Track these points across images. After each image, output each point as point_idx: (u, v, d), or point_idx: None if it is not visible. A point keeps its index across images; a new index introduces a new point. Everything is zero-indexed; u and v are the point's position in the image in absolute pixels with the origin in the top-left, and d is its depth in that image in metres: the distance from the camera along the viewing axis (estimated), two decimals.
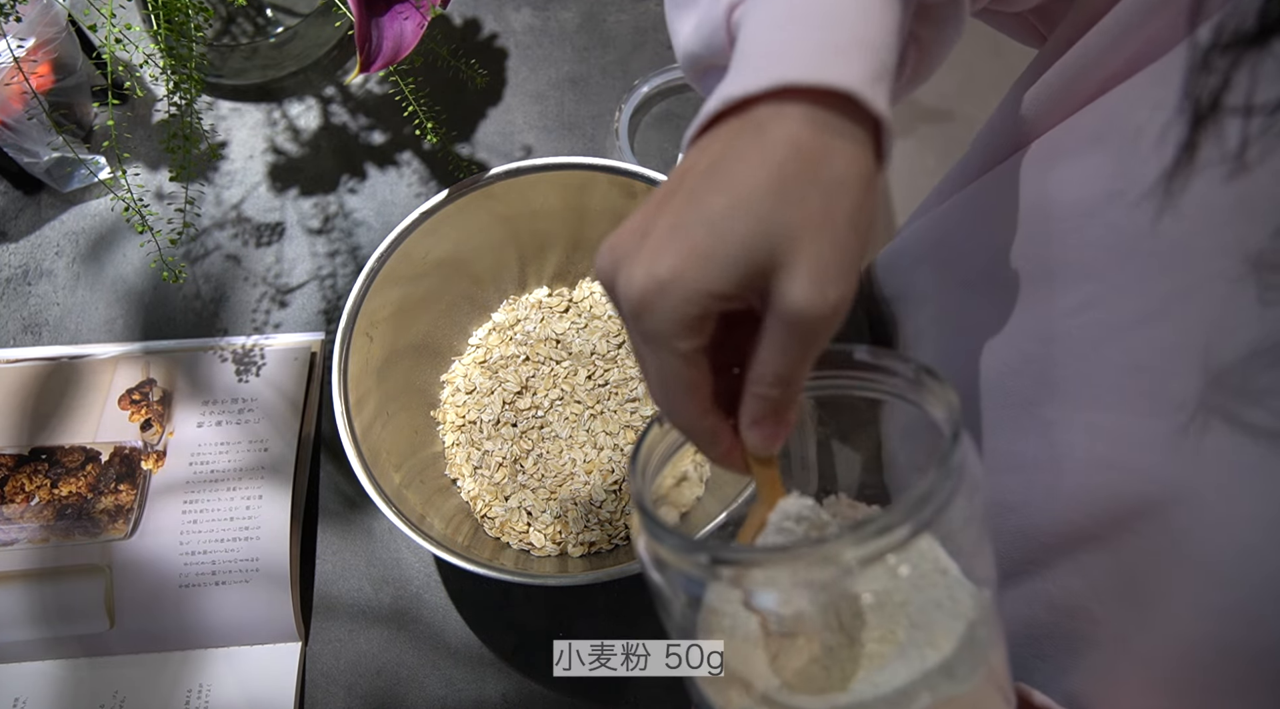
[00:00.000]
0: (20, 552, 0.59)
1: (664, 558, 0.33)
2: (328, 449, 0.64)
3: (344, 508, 0.63)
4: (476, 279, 0.63)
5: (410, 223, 0.57)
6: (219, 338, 0.66)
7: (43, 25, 0.62)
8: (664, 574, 0.33)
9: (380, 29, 0.57)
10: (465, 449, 0.61)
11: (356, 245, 0.69)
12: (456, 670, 0.59)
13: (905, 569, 0.31)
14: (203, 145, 0.70)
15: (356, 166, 0.71)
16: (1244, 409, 0.33)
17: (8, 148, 0.66)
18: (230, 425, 0.63)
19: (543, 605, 0.60)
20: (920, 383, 0.34)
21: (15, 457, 0.61)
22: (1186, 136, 0.32)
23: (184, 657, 0.59)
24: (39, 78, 0.65)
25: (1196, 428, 0.35)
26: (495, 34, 0.75)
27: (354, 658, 0.59)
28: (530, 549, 0.58)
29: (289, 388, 0.64)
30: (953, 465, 0.31)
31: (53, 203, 0.70)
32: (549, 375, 0.62)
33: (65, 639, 0.58)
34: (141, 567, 0.59)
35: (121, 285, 0.68)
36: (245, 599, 0.59)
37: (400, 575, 0.61)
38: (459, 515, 0.59)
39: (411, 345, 0.61)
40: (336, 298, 0.68)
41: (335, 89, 0.73)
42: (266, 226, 0.70)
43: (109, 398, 0.63)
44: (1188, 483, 0.35)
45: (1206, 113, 0.31)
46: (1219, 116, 0.31)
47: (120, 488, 0.61)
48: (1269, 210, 0.32)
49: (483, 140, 0.72)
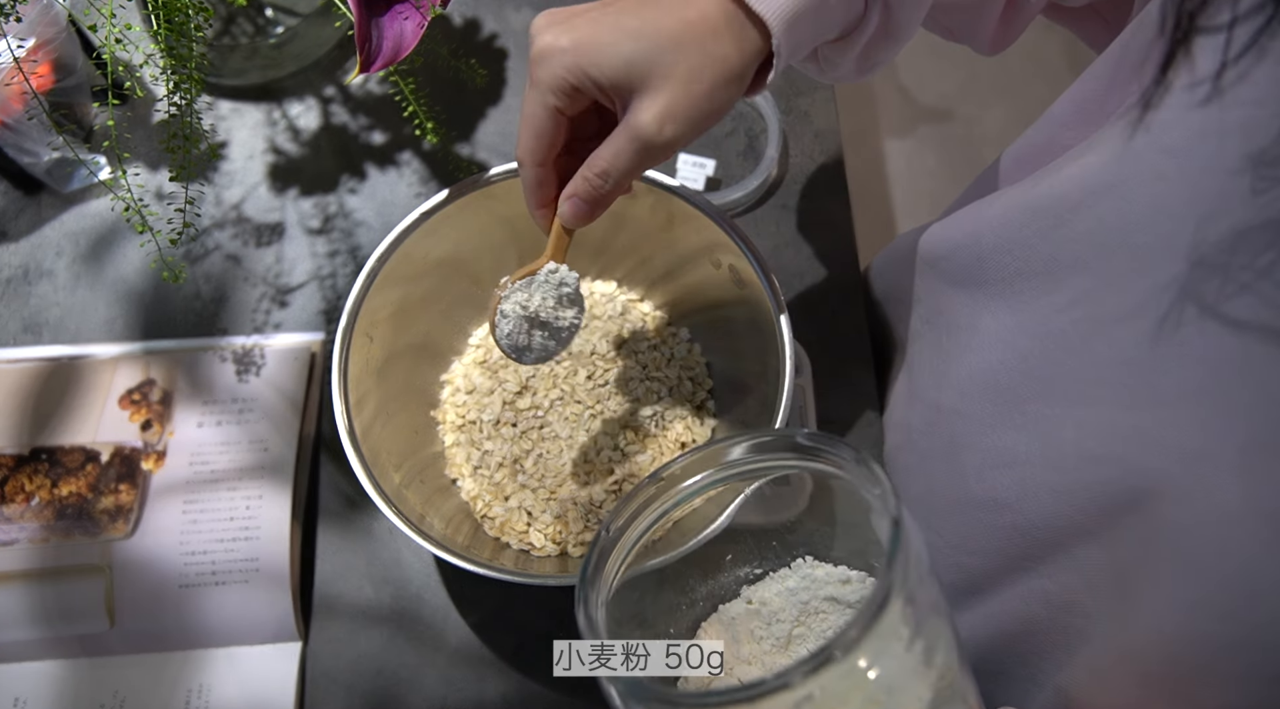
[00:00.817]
0: (20, 552, 0.59)
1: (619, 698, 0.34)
2: (328, 449, 0.64)
3: (344, 508, 0.63)
4: (476, 279, 0.63)
5: (410, 223, 0.57)
6: (219, 338, 0.66)
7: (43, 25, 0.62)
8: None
9: (380, 29, 0.57)
10: (465, 449, 0.61)
11: (356, 245, 0.69)
12: (456, 670, 0.59)
13: (868, 667, 0.32)
14: (203, 145, 0.70)
15: (356, 166, 0.71)
16: (1225, 298, 0.34)
17: (8, 148, 0.66)
18: (230, 425, 0.63)
19: (543, 605, 0.60)
20: (859, 465, 0.36)
21: (15, 457, 0.61)
22: (1163, 56, 0.33)
23: (184, 657, 0.59)
24: (39, 78, 0.65)
25: (1170, 325, 0.36)
26: (495, 34, 0.75)
27: (354, 658, 0.59)
28: (530, 549, 0.58)
29: (289, 388, 0.64)
30: (899, 555, 0.32)
31: (53, 203, 0.70)
32: (549, 375, 0.62)
33: (65, 639, 0.58)
34: (141, 567, 0.59)
35: (122, 285, 0.68)
36: (245, 599, 0.59)
37: (400, 575, 0.61)
38: (459, 515, 0.59)
39: (411, 345, 0.61)
40: (336, 298, 0.68)
41: (335, 89, 0.73)
42: (266, 226, 0.70)
43: (109, 398, 0.63)
44: (1170, 474, 0.36)
45: (1185, 31, 0.32)
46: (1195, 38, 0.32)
47: (120, 488, 0.61)
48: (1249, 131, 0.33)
49: (483, 140, 0.72)
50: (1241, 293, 0.33)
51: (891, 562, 0.32)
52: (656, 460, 0.59)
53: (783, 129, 0.71)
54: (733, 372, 0.62)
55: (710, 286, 0.60)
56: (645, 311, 0.64)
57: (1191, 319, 0.34)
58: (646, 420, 0.60)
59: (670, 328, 0.64)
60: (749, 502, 0.45)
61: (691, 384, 0.62)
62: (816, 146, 0.72)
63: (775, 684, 0.30)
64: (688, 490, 0.42)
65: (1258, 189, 0.32)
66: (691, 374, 0.62)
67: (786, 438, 0.38)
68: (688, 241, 0.59)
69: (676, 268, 0.62)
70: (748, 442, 0.40)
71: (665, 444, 0.60)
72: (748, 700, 0.30)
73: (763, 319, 0.55)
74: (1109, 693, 0.42)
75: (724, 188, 0.70)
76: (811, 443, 0.38)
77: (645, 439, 0.60)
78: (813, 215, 0.70)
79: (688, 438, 0.61)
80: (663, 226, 0.59)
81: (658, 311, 0.64)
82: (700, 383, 0.62)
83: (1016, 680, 0.49)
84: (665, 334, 0.64)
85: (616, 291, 0.65)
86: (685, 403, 0.61)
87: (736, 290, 0.57)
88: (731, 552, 0.47)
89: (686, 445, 0.60)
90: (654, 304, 0.65)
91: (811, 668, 0.30)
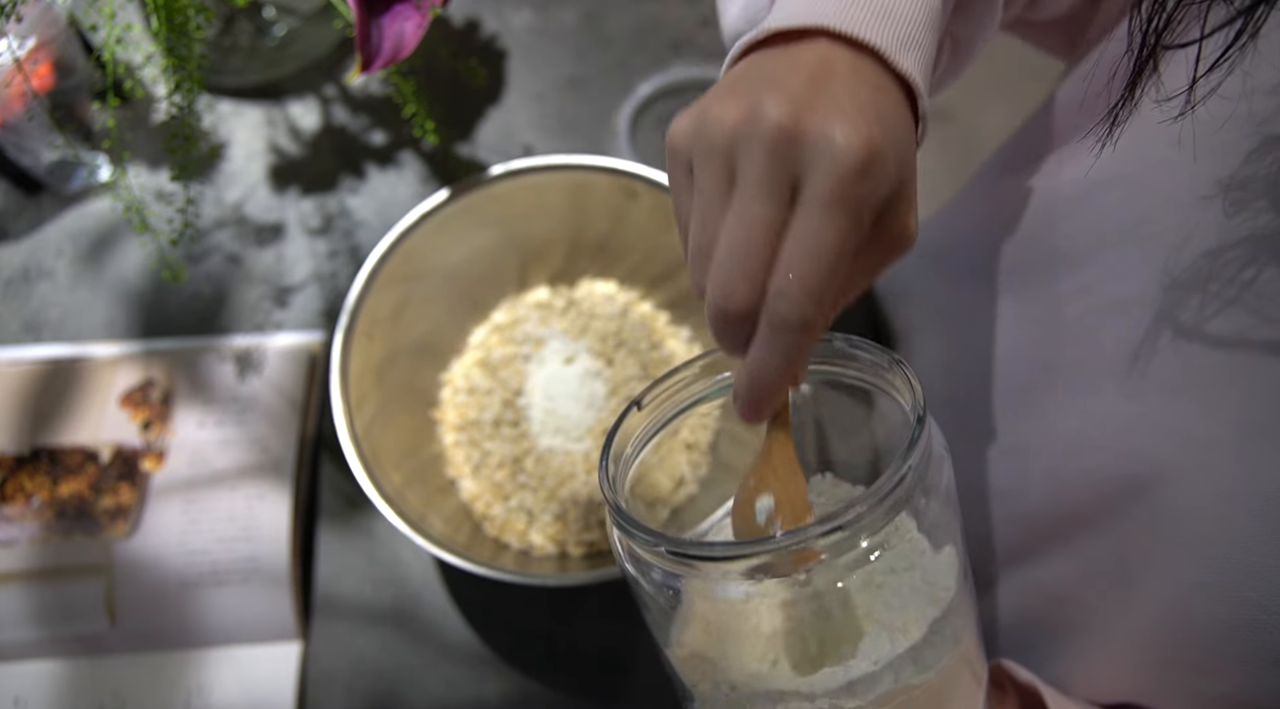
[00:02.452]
0: (20, 552, 0.59)
1: (637, 553, 0.34)
2: (328, 449, 0.64)
3: (344, 508, 0.63)
4: (476, 279, 0.63)
5: (410, 223, 0.57)
6: (219, 338, 0.66)
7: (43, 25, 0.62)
8: (638, 567, 0.34)
9: (380, 29, 0.57)
10: (465, 449, 0.61)
11: (356, 245, 0.69)
12: (456, 670, 0.59)
13: (880, 553, 0.32)
14: (203, 145, 0.70)
15: (356, 166, 0.71)
16: (1201, 317, 0.34)
17: (8, 148, 0.66)
18: (230, 425, 0.63)
19: (543, 605, 0.60)
20: (891, 370, 0.35)
21: (15, 457, 0.61)
22: (1130, 74, 0.33)
23: (184, 657, 0.59)
24: (40, 78, 0.65)
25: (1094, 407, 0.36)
26: (495, 34, 0.75)
27: (354, 658, 0.59)
28: (530, 549, 0.58)
29: (289, 388, 0.64)
30: (917, 447, 0.32)
31: (53, 203, 0.70)
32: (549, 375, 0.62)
33: (65, 639, 0.58)
34: (142, 566, 0.59)
35: (122, 285, 0.68)
36: (245, 599, 0.59)
37: (400, 575, 0.61)
38: (459, 515, 0.59)
39: (411, 345, 0.61)
40: (336, 298, 0.68)
41: (335, 89, 0.73)
42: (266, 226, 0.70)
43: (109, 398, 0.63)
44: (1171, 460, 0.36)
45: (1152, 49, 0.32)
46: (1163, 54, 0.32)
47: (120, 488, 0.61)
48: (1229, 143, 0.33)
49: (483, 140, 0.72)
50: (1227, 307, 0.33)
51: (909, 450, 0.31)
52: (660, 461, 0.59)
53: None
54: None
55: None
56: (645, 311, 0.64)
57: (1192, 307, 0.35)
58: None
59: (670, 328, 0.64)
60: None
61: None
62: None
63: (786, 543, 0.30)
64: (725, 382, 0.40)
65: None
66: None
67: (827, 342, 0.37)
68: None
69: (677, 268, 0.62)
70: None
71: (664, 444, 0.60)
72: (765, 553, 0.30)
73: None
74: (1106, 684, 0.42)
75: None
76: (849, 347, 0.36)
77: None
78: None
79: (689, 438, 0.61)
80: (663, 226, 0.59)
81: (658, 311, 0.65)
82: None
83: None
84: (665, 334, 0.64)
85: (616, 291, 0.65)
86: None
87: None
88: None
89: (688, 445, 0.60)
90: (654, 304, 0.65)
91: (818, 534, 0.30)
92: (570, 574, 0.52)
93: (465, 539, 0.57)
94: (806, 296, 0.29)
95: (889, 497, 0.31)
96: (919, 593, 0.33)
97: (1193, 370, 0.35)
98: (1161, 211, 0.36)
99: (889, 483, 0.31)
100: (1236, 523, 0.34)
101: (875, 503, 0.30)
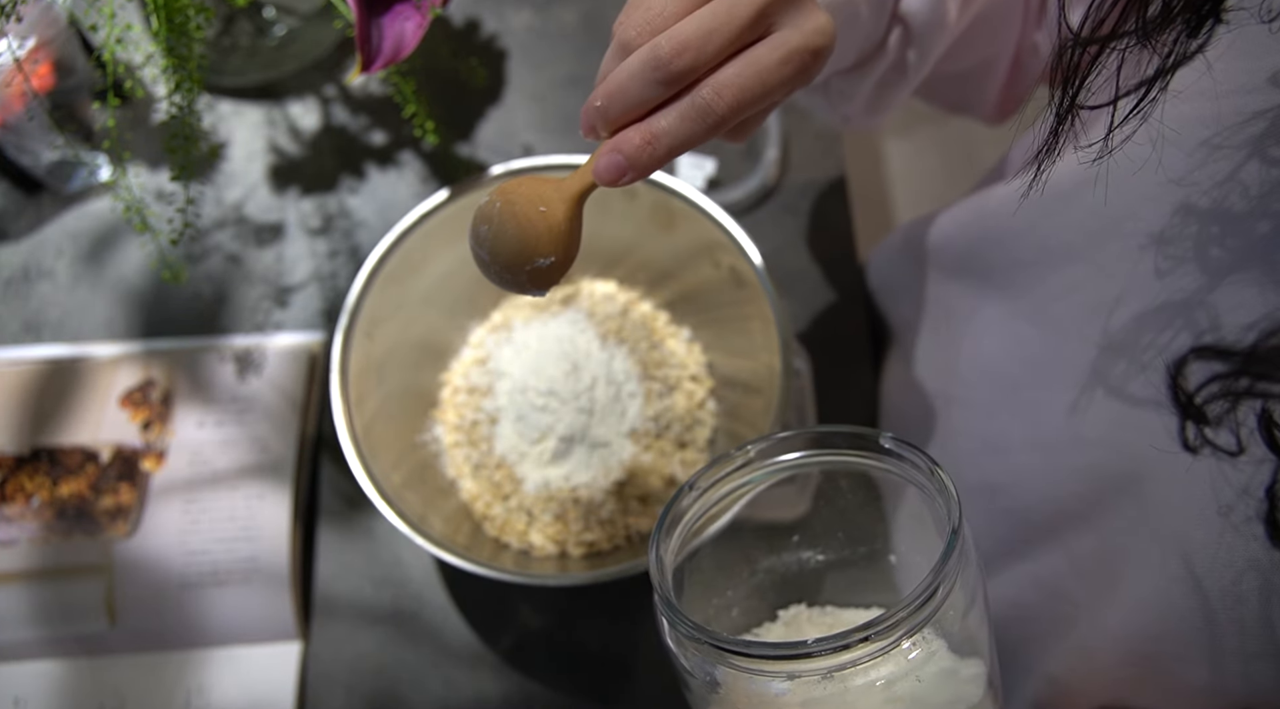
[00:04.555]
0: (20, 552, 0.59)
1: (682, 641, 0.35)
2: (328, 449, 0.64)
3: (344, 508, 0.63)
4: (477, 279, 0.63)
5: (410, 223, 0.57)
6: (219, 338, 0.66)
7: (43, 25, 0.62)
8: (680, 648, 0.36)
9: (380, 29, 0.57)
10: (465, 449, 0.61)
11: (356, 245, 0.69)
12: (456, 670, 0.59)
13: (912, 657, 0.33)
14: (203, 145, 0.70)
15: (356, 166, 0.71)
16: (1128, 379, 0.36)
17: (8, 148, 0.66)
18: (230, 425, 0.63)
19: (543, 605, 0.60)
20: (931, 474, 0.37)
21: (15, 457, 0.61)
22: (1050, 129, 0.34)
23: (184, 657, 0.59)
24: (40, 78, 0.65)
25: (1083, 403, 0.38)
26: (495, 34, 0.75)
27: (354, 658, 0.59)
28: (530, 549, 0.58)
29: (289, 388, 0.64)
30: (952, 556, 0.33)
31: (53, 203, 0.70)
32: (549, 376, 0.62)
33: (65, 639, 0.58)
34: (142, 567, 0.59)
35: (122, 285, 0.68)
36: (245, 599, 0.59)
37: (400, 575, 0.61)
38: (459, 515, 0.59)
39: (411, 345, 0.61)
40: (336, 298, 0.68)
41: (335, 89, 0.74)
42: (266, 226, 0.70)
43: (109, 398, 0.63)
44: (1158, 456, 0.36)
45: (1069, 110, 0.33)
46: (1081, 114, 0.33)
47: (120, 488, 0.61)
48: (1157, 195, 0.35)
49: (483, 140, 0.72)
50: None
51: (945, 559, 0.33)
52: (657, 461, 0.59)
53: (783, 130, 0.71)
54: (733, 371, 0.62)
55: (710, 286, 0.60)
56: (645, 311, 0.64)
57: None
58: (646, 421, 0.60)
59: (670, 328, 0.64)
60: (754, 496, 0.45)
61: (691, 384, 0.62)
62: (817, 147, 0.72)
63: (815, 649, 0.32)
64: (778, 466, 0.41)
65: None
66: (691, 374, 0.62)
67: (873, 438, 0.39)
68: (688, 241, 0.59)
69: (676, 268, 0.62)
70: (848, 431, 0.40)
71: (665, 444, 0.60)
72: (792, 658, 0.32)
73: (763, 319, 0.55)
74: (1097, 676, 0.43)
75: (724, 188, 0.70)
76: (895, 447, 0.38)
77: (645, 439, 0.60)
78: (813, 216, 0.70)
79: (688, 438, 0.61)
80: (663, 226, 0.59)
81: (658, 311, 0.64)
82: (700, 382, 0.62)
83: (1007, 670, 0.49)
84: (665, 334, 0.64)
85: (616, 291, 0.65)
86: (685, 403, 0.61)
87: (736, 290, 0.57)
88: (799, 533, 0.47)
89: (686, 445, 0.60)
90: (654, 304, 0.65)
91: (848, 643, 0.31)
92: (570, 574, 0.52)
93: (465, 539, 0.57)
94: (734, 105, 0.33)
95: (924, 605, 0.32)
96: (945, 696, 0.34)
97: (1104, 357, 0.36)
98: (1143, 208, 0.37)
99: (924, 591, 0.32)
100: (1213, 518, 0.35)
101: (909, 610, 0.31)
